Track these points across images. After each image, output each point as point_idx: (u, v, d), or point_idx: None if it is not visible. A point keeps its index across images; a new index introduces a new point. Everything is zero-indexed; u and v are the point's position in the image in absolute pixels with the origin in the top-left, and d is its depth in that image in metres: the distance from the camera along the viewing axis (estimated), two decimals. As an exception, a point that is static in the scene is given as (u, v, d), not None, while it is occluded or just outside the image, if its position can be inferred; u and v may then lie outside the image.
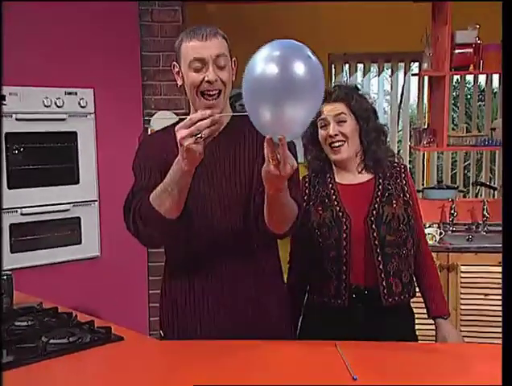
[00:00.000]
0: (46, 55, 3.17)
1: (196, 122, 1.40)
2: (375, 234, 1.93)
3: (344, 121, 1.96)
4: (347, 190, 2.01)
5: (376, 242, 1.92)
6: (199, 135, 1.40)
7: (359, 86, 2.08)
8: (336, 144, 1.97)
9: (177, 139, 1.42)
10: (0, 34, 2.58)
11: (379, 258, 1.92)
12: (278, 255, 1.86)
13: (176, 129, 1.43)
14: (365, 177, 2.03)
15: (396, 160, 2.09)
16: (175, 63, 1.71)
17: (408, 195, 2.02)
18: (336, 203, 1.98)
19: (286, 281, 2.10)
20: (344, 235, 1.93)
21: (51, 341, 1.63)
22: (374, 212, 1.95)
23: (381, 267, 1.92)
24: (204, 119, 1.40)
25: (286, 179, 1.43)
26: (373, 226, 1.93)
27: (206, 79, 1.62)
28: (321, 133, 2.00)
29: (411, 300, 2.04)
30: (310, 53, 1.36)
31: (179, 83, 1.72)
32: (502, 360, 1.18)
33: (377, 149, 2.01)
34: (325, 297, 1.96)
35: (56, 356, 1.58)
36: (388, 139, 2.11)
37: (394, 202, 1.98)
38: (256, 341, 1.64)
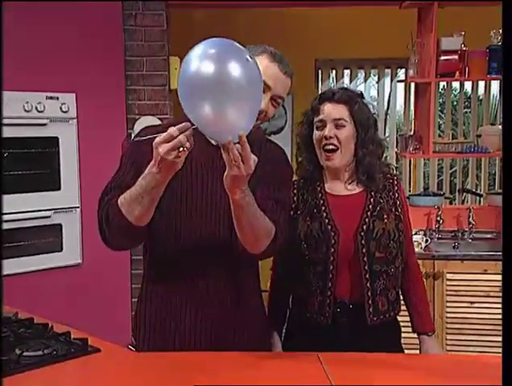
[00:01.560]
0: (26, 59, 3.11)
1: (177, 136, 1.35)
2: (364, 250, 1.84)
3: (343, 126, 1.86)
4: (337, 202, 1.92)
5: (365, 259, 1.84)
6: (181, 149, 1.36)
7: (364, 93, 1.98)
8: (330, 147, 1.86)
9: (156, 153, 1.37)
10: (0, 34, 2.54)
11: (367, 276, 1.84)
12: (258, 270, 1.81)
13: (155, 143, 1.38)
14: (357, 188, 1.94)
15: (390, 171, 1.99)
16: None
17: (400, 209, 1.93)
18: (325, 214, 1.89)
19: (268, 288, 2.06)
20: (332, 249, 1.84)
21: (25, 353, 1.58)
22: (364, 227, 1.86)
23: (368, 285, 1.85)
24: (185, 130, 1.36)
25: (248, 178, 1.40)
26: (363, 242, 1.84)
27: None
28: (316, 133, 1.90)
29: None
30: (248, 56, 1.34)
31: None
32: (502, 361, 1.16)
33: (372, 163, 1.90)
34: (308, 311, 1.89)
35: (30, 369, 1.52)
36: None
37: (386, 216, 1.89)
38: (235, 353, 1.60)
